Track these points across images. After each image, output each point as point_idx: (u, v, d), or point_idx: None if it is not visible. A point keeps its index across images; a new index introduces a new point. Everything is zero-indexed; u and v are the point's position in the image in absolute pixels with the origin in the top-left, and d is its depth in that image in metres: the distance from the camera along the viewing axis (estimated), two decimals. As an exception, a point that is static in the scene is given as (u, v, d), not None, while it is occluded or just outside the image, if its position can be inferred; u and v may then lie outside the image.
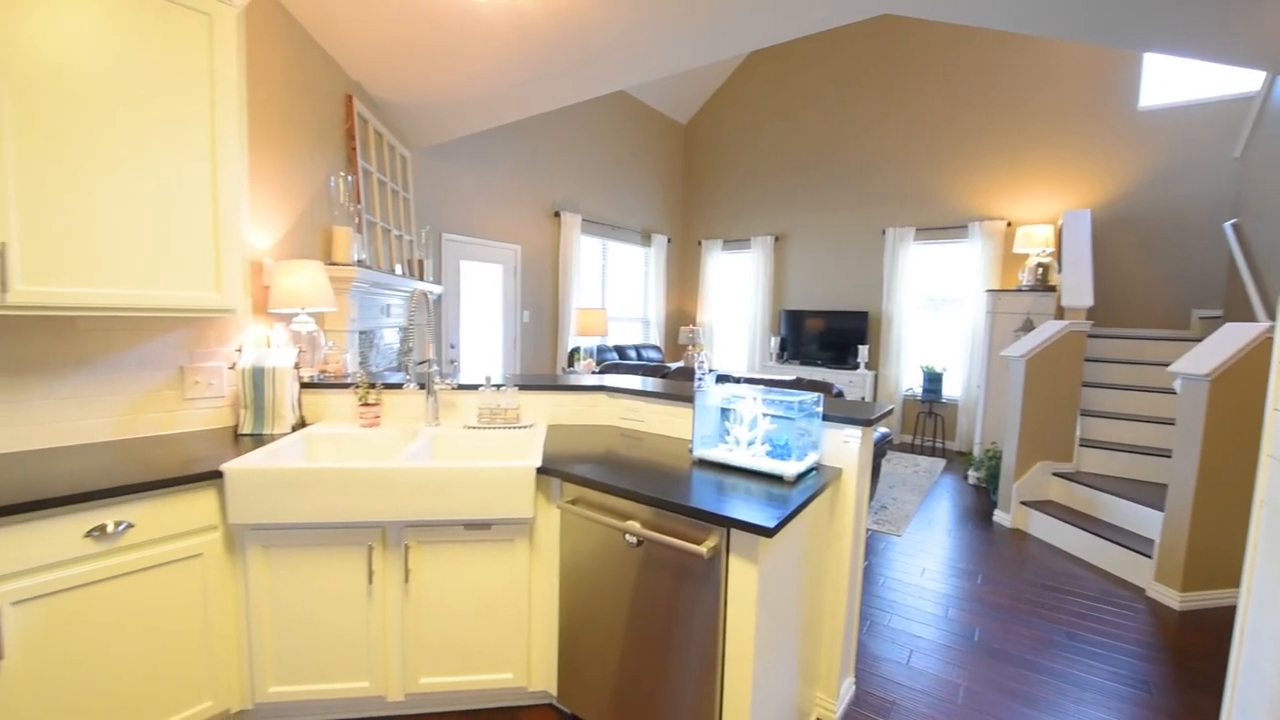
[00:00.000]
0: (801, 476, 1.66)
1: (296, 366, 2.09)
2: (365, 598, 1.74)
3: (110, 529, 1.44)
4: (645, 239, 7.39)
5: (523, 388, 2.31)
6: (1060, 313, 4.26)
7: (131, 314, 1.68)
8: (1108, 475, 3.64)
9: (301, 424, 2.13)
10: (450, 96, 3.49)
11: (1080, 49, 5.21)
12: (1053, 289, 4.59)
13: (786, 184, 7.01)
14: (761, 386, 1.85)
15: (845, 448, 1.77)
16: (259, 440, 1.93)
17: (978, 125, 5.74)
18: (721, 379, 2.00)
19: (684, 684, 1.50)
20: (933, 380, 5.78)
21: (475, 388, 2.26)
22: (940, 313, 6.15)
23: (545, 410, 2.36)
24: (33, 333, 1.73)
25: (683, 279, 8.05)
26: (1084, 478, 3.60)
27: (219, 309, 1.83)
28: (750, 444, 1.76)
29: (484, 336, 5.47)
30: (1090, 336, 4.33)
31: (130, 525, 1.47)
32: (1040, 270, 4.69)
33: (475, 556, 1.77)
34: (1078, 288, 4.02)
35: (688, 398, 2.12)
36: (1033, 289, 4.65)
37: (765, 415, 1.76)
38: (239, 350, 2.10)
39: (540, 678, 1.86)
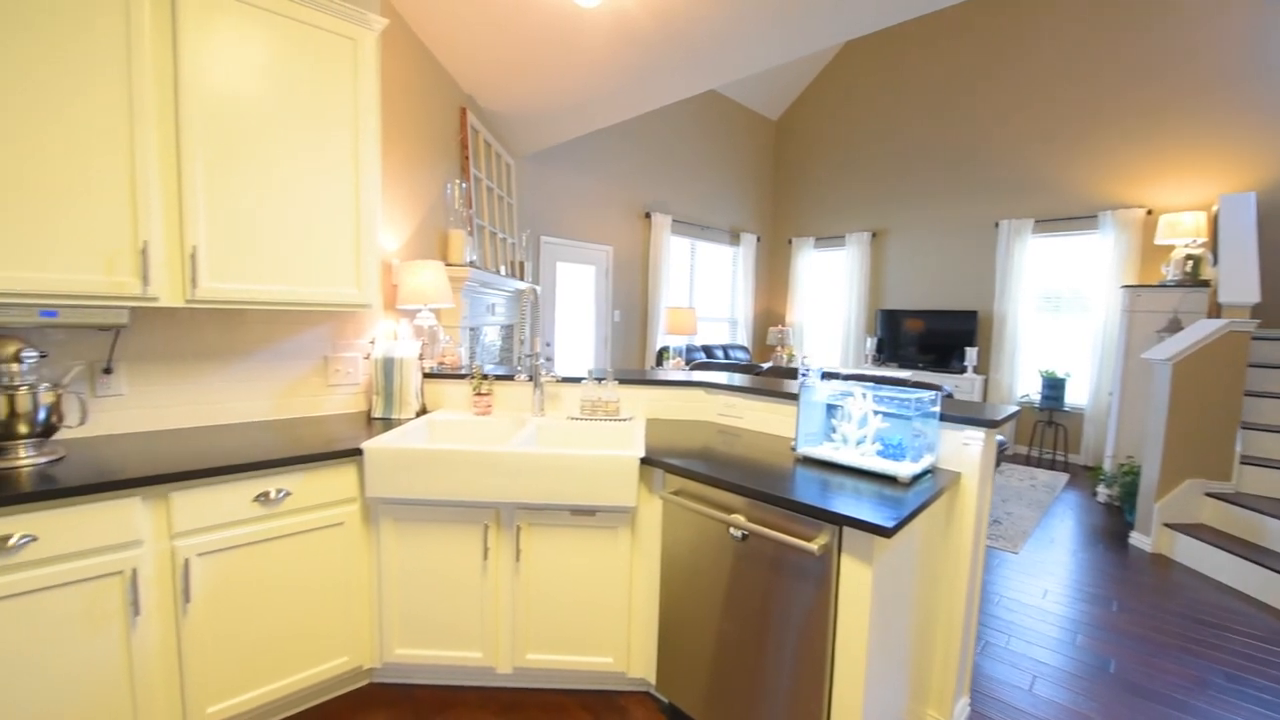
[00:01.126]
0: (917, 479, 1.58)
1: (420, 358, 2.27)
2: (480, 573, 1.86)
3: (273, 495, 1.64)
4: (734, 238, 7.32)
5: (622, 382, 2.37)
6: (1216, 311, 3.75)
7: (289, 308, 1.91)
8: (1276, 498, 3.16)
9: (423, 411, 2.32)
10: (553, 105, 3.65)
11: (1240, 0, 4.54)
12: (1206, 284, 4.04)
13: (885, 177, 6.67)
14: (870, 384, 1.78)
15: (965, 451, 1.66)
16: (388, 424, 2.12)
17: (1111, 99, 5.15)
18: (826, 376, 1.95)
19: (786, 682, 1.48)
20: (1053, 386, 5.27)
21: (578, 381, 2.35)
22: (1062, 313, 5.60)
23: (643, 405, 2.41)
24: (211, 324, 2.01)
25: (771, 278, 7.89)
26: (1246, 499, 3.14)
27: (358, 304, 2.03)
28: (859, 443, 1.70)
29: (576, 335, 5.66)
30: (1255, 339, 3.77)
31: (288, 493, 1.67)
32: (1190, 263, 4.15)
33: (580, 541, 1.84)
34: (1240, 282, 3.52)
35: (789, 395, 2.08)
36: (1180, 284, 4.12)
37: (876, 413, 1.69)
38: (372, 342, 2.31)
39: (639, 665, 1.89)
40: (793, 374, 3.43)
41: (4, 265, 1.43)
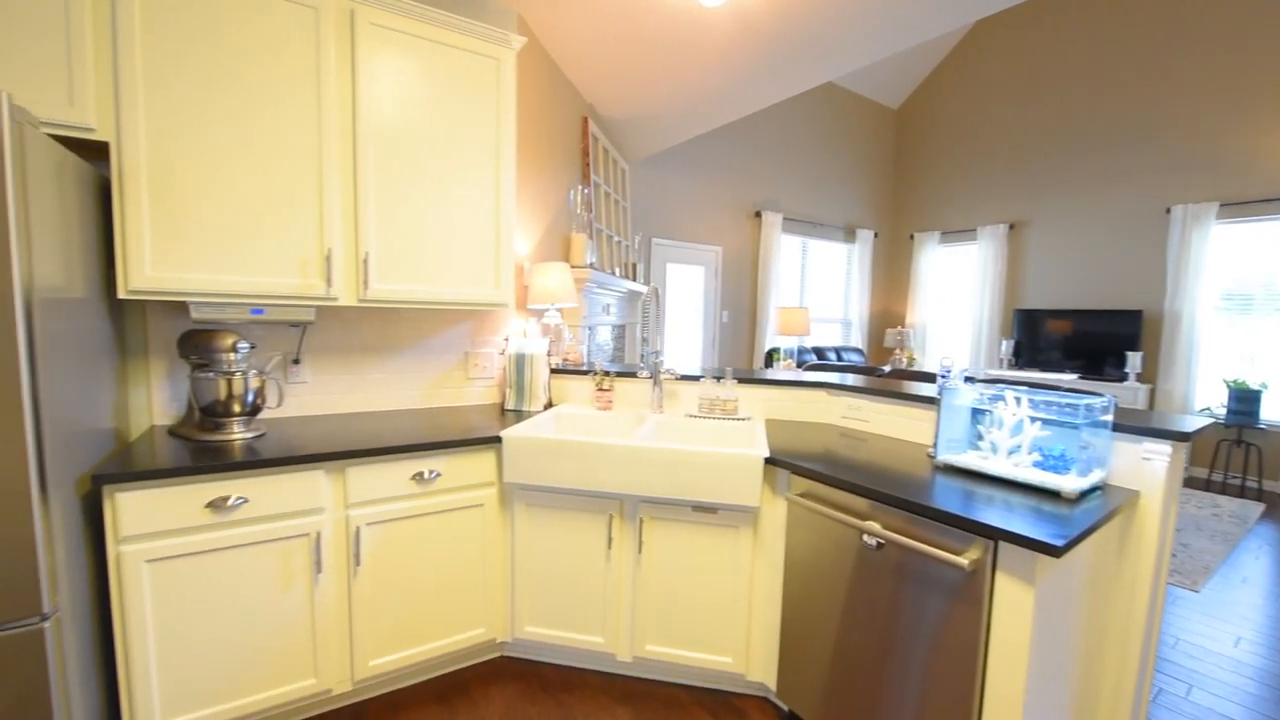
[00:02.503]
0: (1084, 495, 1.42)
1: (548, 355, 2.40)
2: (604, 562, 1.93)
3: (426, 475, 1.81)
4: (849, 235, 6.98)
5: (741, 381, 2.35)
6: None
7: (438, 306, 2.10)
8: None
9: (550, 404, 2.45)
10: (670, 108, 3.70)
11: None
12: None
13: (1025, 164, 6.03)
14: (1024, 388, 1.62)
15: (1146, 467, 1.46)
16: (520, 415, 2.27)
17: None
18: (968, 380, 1.80)
19: (923, 705, 1.39)
20: (1244, 399, 4.47)
21: (696, 379, 2.36)
22: (1253, 313, 4.73)
23: (761, 405, 2.37)
24: (373, 323, 2.26)
25: (890, 277, 7.43)
26: None
27: (497, 303, 2.20)
28: (1012, 452, 1.56)
29: (684, 336, 5.69)
30: None
31: (439, 474, 1.84)
32: None
33: (701, 538, 1.85)
34: None
35: (926, 398, 1.95)
36: None
37: (1034, 420, 1.54)
38: (506, 340, 2.49)
39: (759, 669, 1.87)
40: (915, 378, 3.21)
41: (226, 271, 1.71)
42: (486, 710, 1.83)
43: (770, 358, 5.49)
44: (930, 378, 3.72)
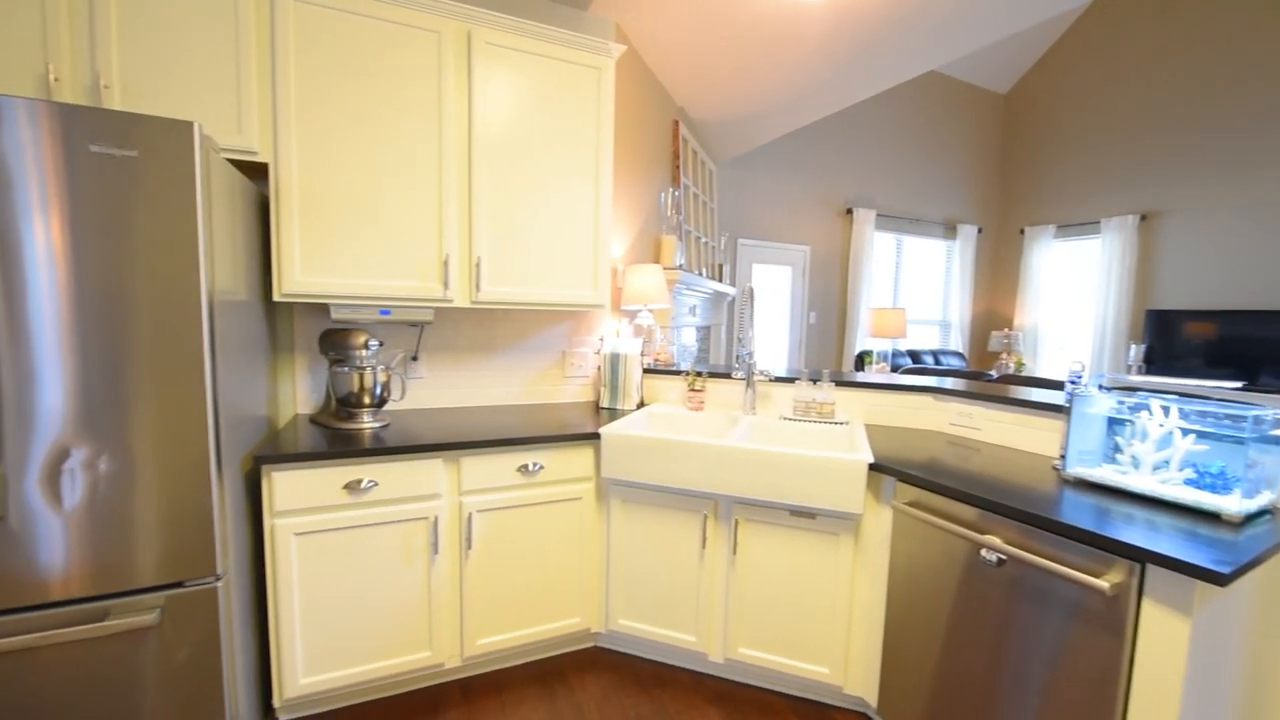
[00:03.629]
0: (1250, 519, 1.26)
1: (641, 355, 2.45)
2: (697, 561, 1.94)
3: (530, 468, 1.91)
4: (949, 231, 6.56)
5: (839, 384, 2.28)
6: None
7: (540, 307, 2.20)
8: None
9: (642, 403, 2.50)
10: (761, 107, 3.66)
11: None
12: None
13: (1157, 147, 5.39)
14: (1175, 397, 1.45)
15: (1332, 490, 1.27)
16: (613, 413, 2.33)
17: None
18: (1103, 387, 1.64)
19: (1056, 737, 1.28)
20: None
21: (791, 381, 2.32)
22: None
23: (859, 409, 2.29)
24: (480, 322, 2.41)
25: (996, 275, 6.90)
26: None
27: (594, 304, 2.27)
28: (1159, 467, 1.41)
29: (770, 337, 5.58)
30: None
31: (542, 467, 1.93)
32: None
33: (798, 544, 1.82)
34: None
35: (1050, 406, 1.80)
36: None
37: (1186, 432, 1.38)
38: (601, 340, 2.56)
39: (857, 682, 1.80)
40: (1026, 384, 2.97)
41: (359, 276, 1.89)
42: (583, 697, 1.90)
43: (861, 361, 5.27)
44: (1044, 384, 3.42)
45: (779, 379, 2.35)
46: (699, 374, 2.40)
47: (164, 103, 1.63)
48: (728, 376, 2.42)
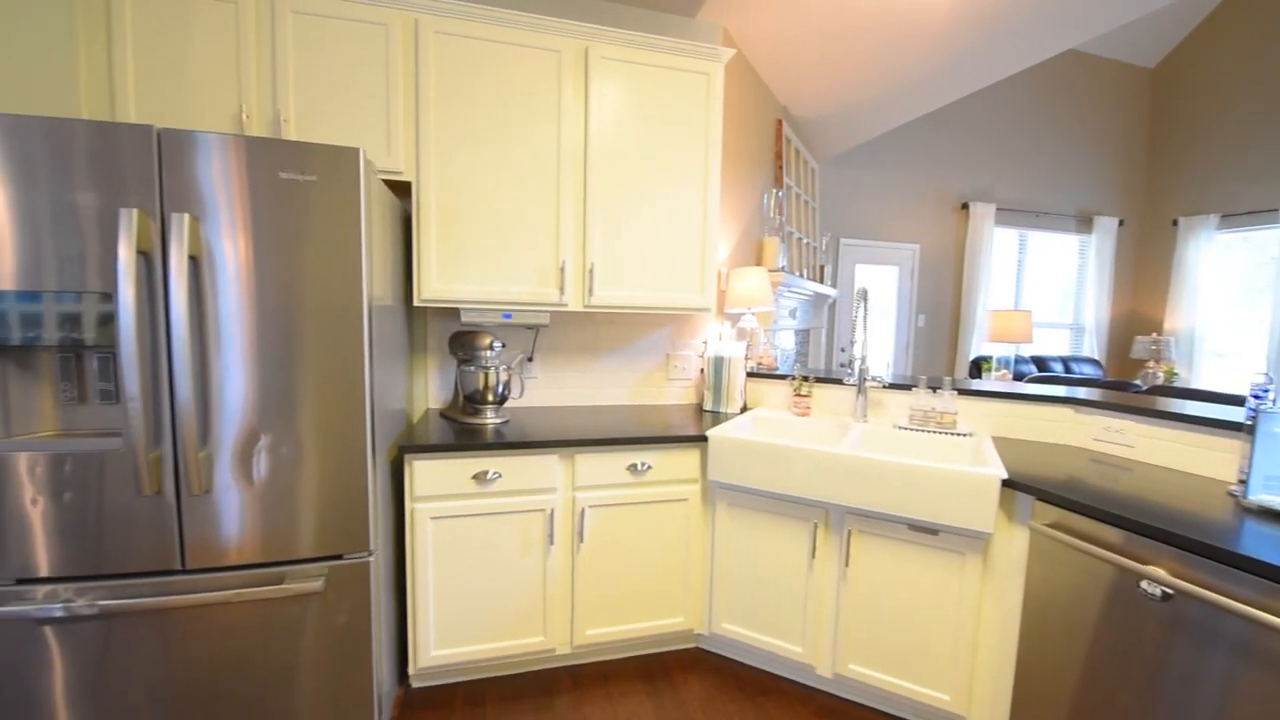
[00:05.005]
0: None
1: (745, 358, 2.43)
2: (805, 570, 1.90)
3: (639, 467, 1.96)
4: (1083, 224, 5.92)
5: (961, 392, 2.14)
6: None
7: (647, 310, 2.25)
8: None
9: (745, 407, 2.48)
10: (869, 101, 3.51)
11: None
12: None
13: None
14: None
15: None
16: (717, 417, 2.33)
17: None
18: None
19: (1237, 801, 1.13)
20: None
21: (907, 388, 2.21)
22: None
23: (983, 420, 2.13)
24: (590, 325, 2.51)
25: (1141, 272, 6.13)
26: None
27: (700, 308, 2.29)
28: (1379, 501, 1.20)
29: (874, 341, 5.33)
30: None
31: (650, 467, 1.97)
32: None
33: (918, 560, 1.73)
34: None
35: (1226, 423, 1.58)
36: None
37: None
38: (705, 343, 2.58)
39: (982, 713, 1.68)
40: (1181, 395, 2.61)
41: (486, 282, 2.04)
42: (686, 696, 1.92)
43: (978, 367, 4.88)
44: (1207, 396, 3.01)
45: (893, 385, 2.24)
46: (805, 378, 2.35)
47: (328, 132, 1.85)
48: (837, 382, 2.34)
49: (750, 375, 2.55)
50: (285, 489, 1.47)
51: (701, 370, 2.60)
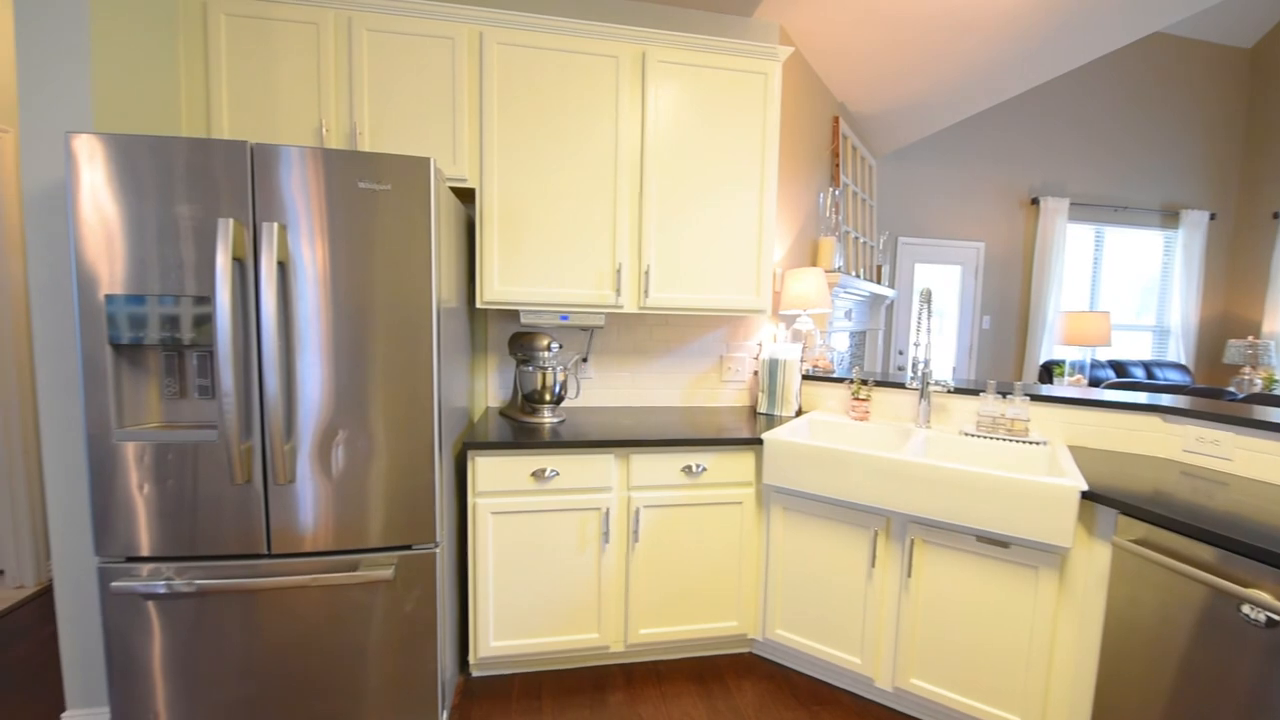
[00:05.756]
0: None
1: (800, 361, 2.39)
2: (864, 579, 1.85)
3: (694, 469, 1.96)
4: (1168, 219, 5.50)
5: (1034, 398, 2.03)
6: None
7: (703, 312, 2.25)
8: None
9: (800, 411, 2.44)
10: (932, 94, 3.38)
11: None
12: None
13: None
14: None
15: None
16: (771, 420, 2.30)
17: None
18: None
19: None
20: None
21: (975, 393, 2.11)
22: None
23: (1058, 427, 2.02)
24: (644, 327, 2.53)
25: (1235, 270, 5.64)
26: None
27: (756, 309, 2.27)
28: None
29: (935, 343, 5.12)
30: None
31: (705, 468, 1.97)
32: None
33: (986, 574, 1.65)
34: None
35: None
36: None
37: None
38: (759, 345, 2.55)
39: (1058, 736, 1.60)
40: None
41: (544, 285, 2.08)
42: (740, 701, 1.90)
43: (1049, 372, 4.61)
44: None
45: (958, 390, 2.15)
46: (864, 382, 2.29)
47: (398, 142, 1.94)
48: (899, 386, 2.27)
49: (806, 378, 2.50)
50: (359, 481, 1.56)
51: (755, 373, 2.58)
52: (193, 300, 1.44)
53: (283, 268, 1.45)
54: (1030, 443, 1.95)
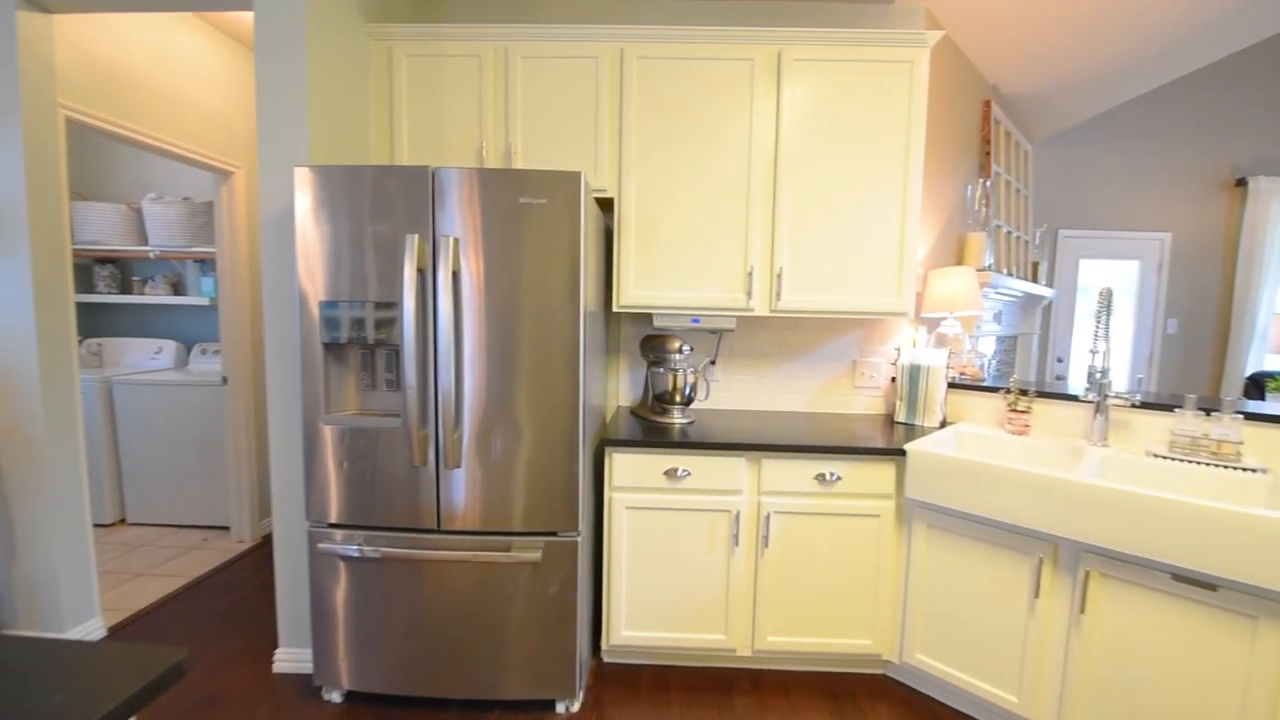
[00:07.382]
0: None
1: (946, 367, 2.23)
2: (1025, 612, 1.68)
3: (828, 477, 1.90)
4: None
5: (1248, 416, 1.72)
6: None
7: (838, 315, 2.17)
8: None
9: (945, 421, 2.27)
10: (1099, 69, 2.98)
11: None
12: None
13: None
14: None
15: None
16: (910, 430, 2.16)
17: None
18: None
19: None
20: None
21: (1168, 409, 1.84)
22: None
23: (1278, 452, 1.69)
24: (774, 330, 2.49)
25: None
26: None
27: (897, 312, 2.14)
28: None
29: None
30: None
31: (840, 478, 1.91)
32: None
33: (1184, 619, 1.43)
34: None
35: None
36: None
37: None
38: (897, 350, 2.41)
39: (1283, 820, 1.34)
40: None
41: (677, 289, 2.13)
42: (875, 724, 1.82)
43: (1259, 386, 3.86)
44: None
45: (1147, 405, 1.88)
46: (1024, 392, 2.08)
47: (546, 158, 2.09)
48: (1070, 398, 2.03)
49: (951, 386, 2.32)
50: (512, 469, 1.70)
51: (893, 379, 2.44)
52: (381, 306, 1.66)
53: (456, 276, 1.63)
54: (1243, 469, 1.65)
